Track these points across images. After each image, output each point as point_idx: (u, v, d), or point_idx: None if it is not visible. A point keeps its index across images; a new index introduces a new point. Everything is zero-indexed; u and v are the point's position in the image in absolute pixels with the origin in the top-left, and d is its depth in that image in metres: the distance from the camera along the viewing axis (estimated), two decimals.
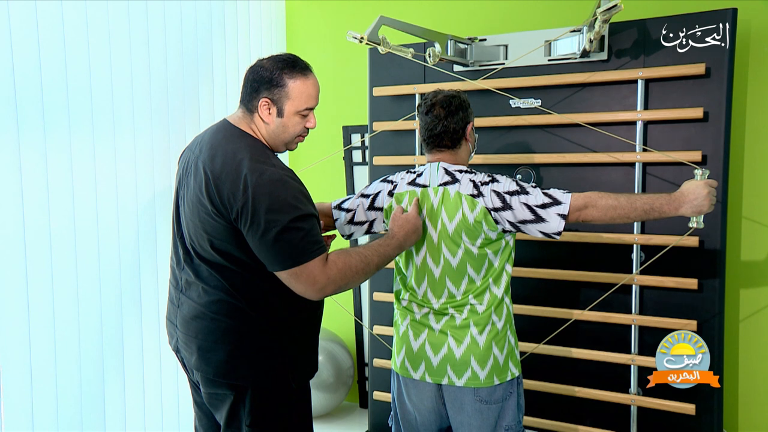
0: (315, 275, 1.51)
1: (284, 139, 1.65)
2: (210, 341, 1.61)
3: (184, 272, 1.67)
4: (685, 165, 2.15)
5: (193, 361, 1.65)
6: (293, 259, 1.50)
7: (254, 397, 1.60)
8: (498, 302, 1.79)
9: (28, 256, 2.04)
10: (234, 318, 1.59)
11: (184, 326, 1.67)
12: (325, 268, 1.53)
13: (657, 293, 2.33)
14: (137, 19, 2.41)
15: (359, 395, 3.42)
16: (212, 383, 1.64)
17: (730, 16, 2.17)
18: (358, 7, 3.24)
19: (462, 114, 1.82)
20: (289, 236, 1.49)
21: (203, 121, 2.78)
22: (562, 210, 1.69)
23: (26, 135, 2.03)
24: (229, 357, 1.59)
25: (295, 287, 1.54)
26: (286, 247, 1.49)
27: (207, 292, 1.61)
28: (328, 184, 3.35)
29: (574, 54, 2.36)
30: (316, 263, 1.52)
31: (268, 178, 1.50)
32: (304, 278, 1.51)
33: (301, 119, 1.64)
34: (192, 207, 1.61)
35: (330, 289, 1.54)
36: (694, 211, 1.67)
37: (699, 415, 2.26)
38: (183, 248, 1.67)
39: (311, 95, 1.64)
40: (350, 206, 1.98)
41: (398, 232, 1.73)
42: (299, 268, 1.50)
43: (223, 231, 1.54)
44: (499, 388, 1.79)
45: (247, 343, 1.59)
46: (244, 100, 1.66)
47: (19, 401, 2.04)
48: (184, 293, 1.68)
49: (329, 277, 1.53)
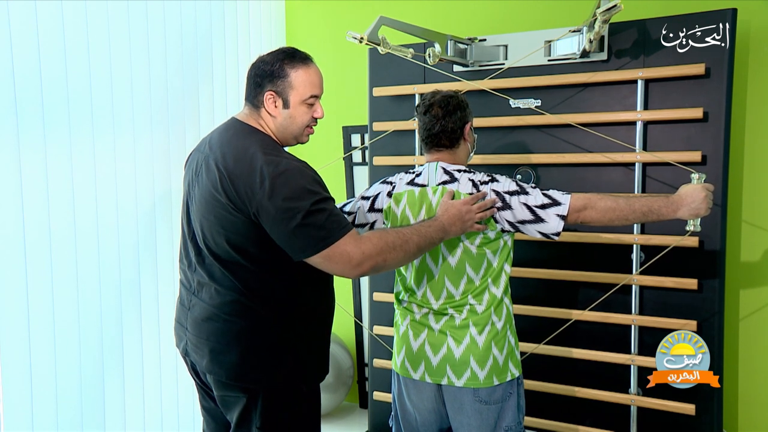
0: (349, 252, 1.49)
1: (293, 131, 1.65)
2: (222, 343, 1.59)
3: (196, 274, 1.66)
4: (685, 166, 2.15)
5: (204, 364, 1.63)
6: (324, 241, 1.47)
7: (266, 399, 1.59)
8: (497, 302, 1.79)
9: (28, 256, 2.04)
10: (246, 319, 1.58)
11: (195, 328, 1.65)
12: (359, 243, 1.50)
13: (657, 293, 2.33)
14: (137, 19, 2.41)
15: (359, 395, 3.42)
16: (225, 386, 1.63)
17: (729, 16, 2.17)
18: (358, 7, 3.24)
19: (460, 114, 1.82)
20: (314, 219, 1.47)
21: (203, 121, 2.78)
22: (562, 211, 1.70)
23: (26, 135, 2.03)
24: (242, 359, 1.58)
25: (332, 269, 1.51)
26: (313, 230, 1.47)
27: (219, 293, 1.59)
28: (329, 184, 3.34)
29: (574, 54, 2.36)
30: (347, 240, 1.49)
31: (284, 168, 1.50)
32: (337, 257, 1.48)
33: (308, 109, 1.64)
34: (206, 204, 1.59)
35: (368, 265, 1.51)
36: (692, 214, 1.69)
37: (699, 415, 2.26)
38: (195, 249, 1.65)
39: (314, 83, 1.64)
40: (351, 209, 1.99)
41: (442, 215, 1.70)
42: (330, 249, 1.48)
43: (241, 226, 1.52)
44: (499, 389, 1.79)
45: (259, 344, 1.58)
46: (249, 97, 1.66)
47: (19, 401, 2.04)
48: (195, 295, 1.66)
49: (364, 252, 1.50)
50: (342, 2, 3.29)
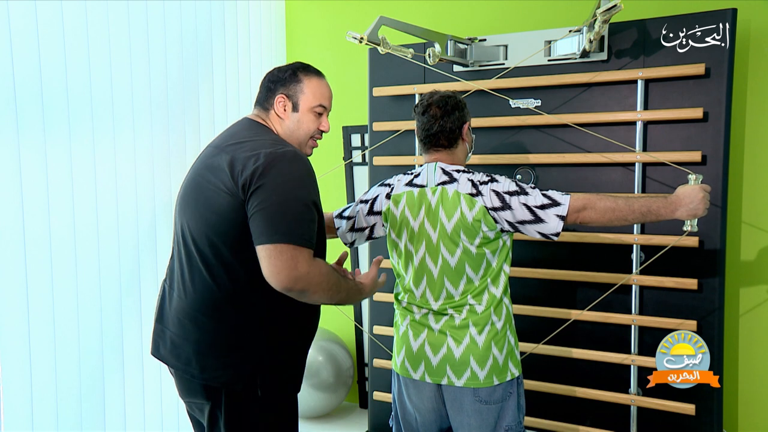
0: (298, 261, 1.41)
1: (298, 136, 1.66)
2: (181, 337, 1.58)
3: (176, 264, 1.66)
4: (684, 165, 2.15)
5: (163, 353, 1.63)
6: (289, 235, 1.41)
7: (229, 405, 1.56)
8: (497, 302, 1.79)
9: (28, 256, 2.05)
10: (212, 317, 1.55)
11: (164, 317, 1.66)
12: (312, 262, 1.44)
13: (657, 293, 2.33)
14: (137, 20, 2.41)
15: (359, 395, 3.43)
16: (188, 389, 1.62)
17: (729, 16, 2.17)
18: (358, 7, 3.24)
19: (458, 114, 1.83)
20: (293, 209, 1.44)
21: (203, 121, 2.78)
22: (561, 211, 1.70)
23: (26, 135, 2.03)
24: (198, 354, 1.56)
25: (271, 266, 1.41)
26: (286, 217, 1.42)
27: (190, 287, 1.58)
28: (329, 184, 3.35)
29: (574, 54, 2.36)
30: (305, 252, 1.43)
31: (282, 152, 1.49)
32: (286, 258, 1.40)
33: (316, 118, 1.67)
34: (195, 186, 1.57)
35: (300, 285, 1.42)
36: (690, 214, 1.70)
37: (699, 415, 2.26)
38: (178, 239, 1.65)
39: (325, 95, 1.69)
40: (351, 214, 1.99)
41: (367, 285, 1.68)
42: (287, 246, 1.40)
43: (226, 207, 1.49)
44: (499, 389, 1.79)
45: (220, 343, 1.55)
46: (260, 101, 1.70)
47: (19, 401, 2.04)
48: (171, 285, 1.67)
49: (309, 272, 1.42)
50: (342, 2, 3.29)
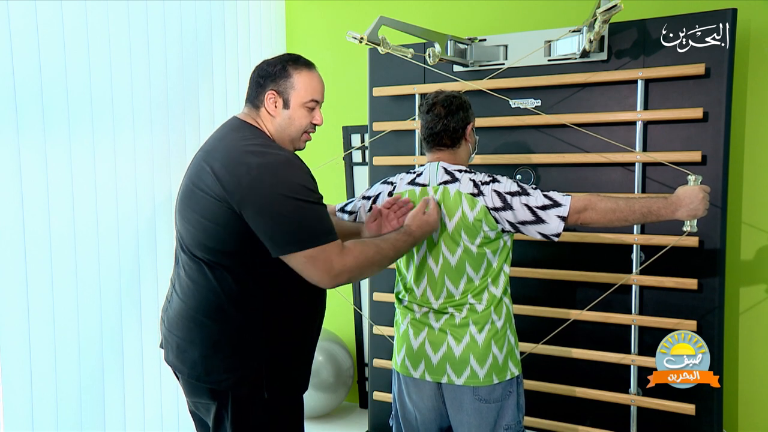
0: (332, 260, 1.43)
1: (290, 133, 1.63)
2: (187, 340, 1.57)
3: (178, 267, 1.65)
4: (684, 165, 2.15)
5: (170, 358, 1.62)
6: (312, 240, 1.41)
7: (235, 406, 1.55)
8: (497, 302, 1.79)
9: (28, 256, 2.05)
10: (217, 320, 1.54)
11: (169, 322, 1.65)
12: (342, 254, 1.46)
13: (657, 293, 2.33)
14: (137, 19, 2.41)
15: (359, 395, 3.42)
16: (193, 391, 1.61)
17: (729, 16, 2.17)
18: (358, 7, 3.24)
19: (462, 114, 1.83)
20: (305, 214, 1.42)
21: (203, 121, 2.78)
22: (562, 212, 1.70)
23: (26, 135, 2.03)
24: (203, 357, 1.54)
25: (310, 273, 1.44)
26: (301, 225, 1.42)
27: (192, 289, 1.57)
28: (329, 184, 3.35)
29: (574, 54, 2.36)
30: (333, 247, 1.44)
31: (272, 159, 1.47)
32: (320, 262, 1.42)
33: (308, 113, 1.63)
34: (190, 195, 1.56)
35: (344, 278, 1.46)
36: (690, 215, 1.70)
37: (699, 415, 2.26)
38: (178, 242, 1.65)
39: (316, 88, 1.64)
40: (353, 209, 2.00)
41: (416, 230, 1.68)
42: (317, 250, 1.41)
43: (222, 216, 1.48)
44: (498, 387, 1.79)
45: (224, 345, 1.54)
46: (250, 98, 1.65)
47: (19, 401, 2.04)
48: (174, 288, 1.66)
49: (345, 264, 1.45)
50: (342, 2, 3.29)
